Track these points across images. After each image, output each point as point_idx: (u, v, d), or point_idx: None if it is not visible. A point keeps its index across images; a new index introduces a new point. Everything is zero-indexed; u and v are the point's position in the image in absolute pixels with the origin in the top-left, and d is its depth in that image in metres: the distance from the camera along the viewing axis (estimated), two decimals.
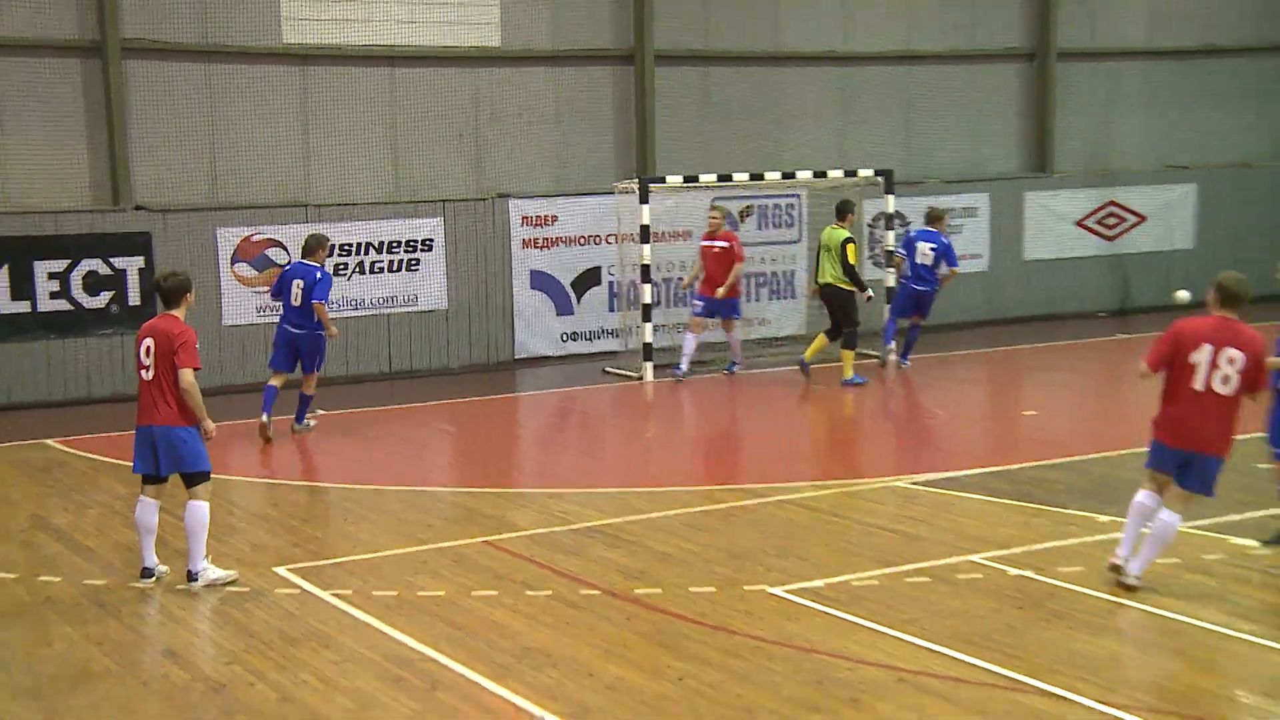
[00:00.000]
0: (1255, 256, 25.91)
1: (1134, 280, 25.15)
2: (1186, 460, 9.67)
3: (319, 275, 15.61)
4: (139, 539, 10.46)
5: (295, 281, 15.63)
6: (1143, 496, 9.83)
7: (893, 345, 19.78)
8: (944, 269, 19.43)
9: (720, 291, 19.15)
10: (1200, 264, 25.57)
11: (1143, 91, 25.71)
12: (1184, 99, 26.03)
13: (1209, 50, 26.09)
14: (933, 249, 19.31)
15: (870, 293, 18.91)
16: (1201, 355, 9.48)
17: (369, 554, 11.08)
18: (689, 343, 19.26)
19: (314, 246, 15.86)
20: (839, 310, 18.59)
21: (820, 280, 18.69)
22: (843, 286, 18.45)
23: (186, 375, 10.06)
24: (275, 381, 15.75)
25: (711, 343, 21.05)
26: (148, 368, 10.20)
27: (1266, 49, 26.56)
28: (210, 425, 10.22)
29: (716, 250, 19.07)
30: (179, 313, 10.33)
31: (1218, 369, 9.45)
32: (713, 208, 19.53)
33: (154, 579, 10.38)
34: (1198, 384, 9.50)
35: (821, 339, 18.85)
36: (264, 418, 15.50)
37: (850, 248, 18.35)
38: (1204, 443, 9.59)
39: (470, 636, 9.06)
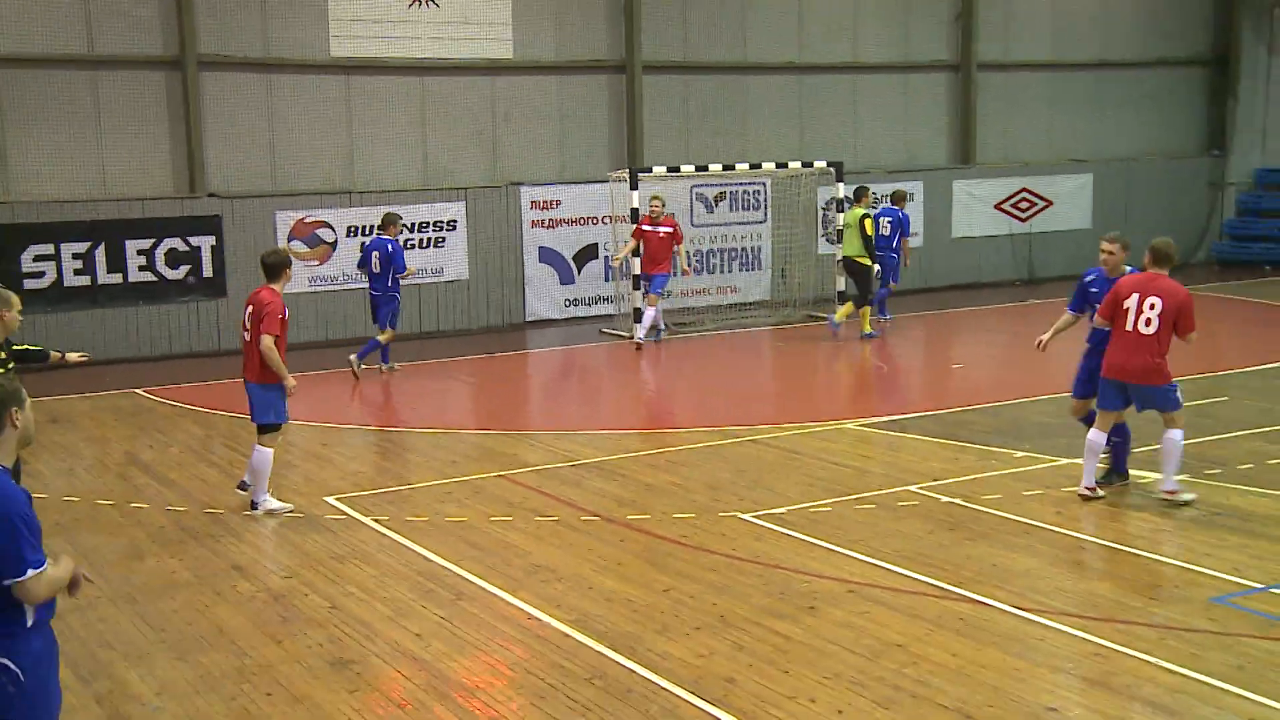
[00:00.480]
0: (1140, 234, 25.97)
1: (1042, 254, 25.03)
2: (1130, 391, 9.69)
3: (391, 248, 16.05)
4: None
5: (374, 253, 16.08)
6: (1093, 435, 9.92)
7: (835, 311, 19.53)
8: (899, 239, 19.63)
9: (686, 268, 19.09)
10: (1096, 241, 25.43)
11: (1049, 97, 25.50)
12: (1082, 104, 25.86)
13: (1102, 64, 25.88)
14: (889, 221, 19.47)
15: (878, 267, 18.79)
16: (1131, 302, 9.59)
17: (403, 486, 11.01)
18: (650, 314, 18.45)
19: (387, 223, 16.24)
20: (858, 279, 18.53)
21: (844, 254, 18.71)
22: (859, 260, 18.39)
23: (265, 340, 9.82)
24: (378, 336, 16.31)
25: (690, 307, 20.99)
26: (248, 330, 10.02)
27: (1150, 63, 26.37)
28: (290, 381, 9.95)
29: (661, 234, 18.39)
30: (277, 285, 10.06)
31: (1142, 314, 9.53)
32: (654, 198, 18.60)
33: (246, 491, 10.33)
34: (1128, 325, 9.58)
35: (849, 305, 18.62)
36: (354, 362, 16.12)
37: (866, 222, 18.37)
38: (1138, 375, 9.60)
39: (488, 555, 9.01)
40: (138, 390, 15.85)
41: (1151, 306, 9.51)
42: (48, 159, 17.81)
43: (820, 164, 20.69)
